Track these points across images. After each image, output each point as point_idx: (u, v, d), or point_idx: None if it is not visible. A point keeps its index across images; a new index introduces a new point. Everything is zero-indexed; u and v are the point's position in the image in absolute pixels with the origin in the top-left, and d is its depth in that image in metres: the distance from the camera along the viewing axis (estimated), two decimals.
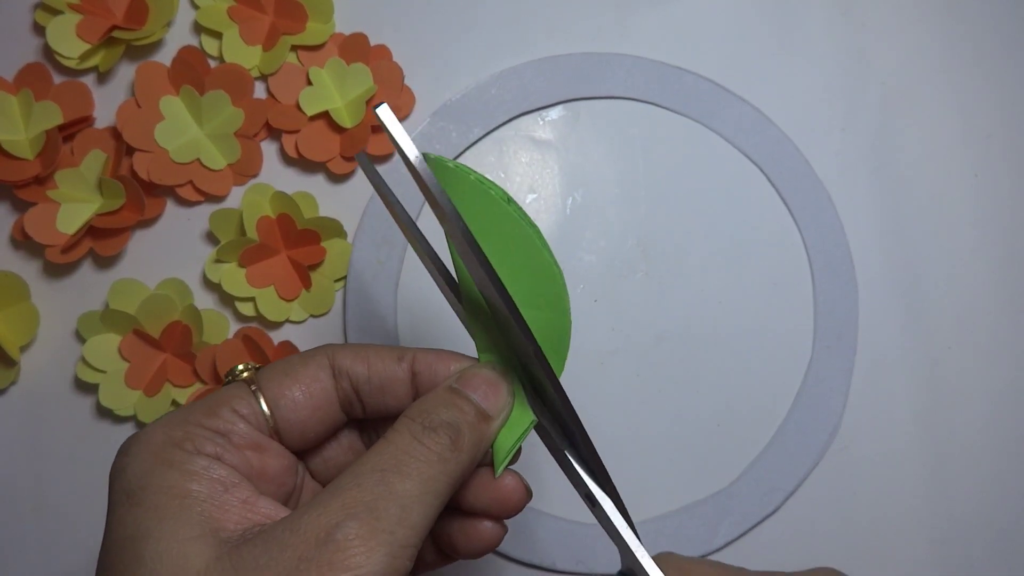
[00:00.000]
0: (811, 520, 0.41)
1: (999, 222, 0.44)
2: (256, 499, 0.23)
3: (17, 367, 0.41)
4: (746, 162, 0.44)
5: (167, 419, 0.24)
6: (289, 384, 0.26)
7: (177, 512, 0.22)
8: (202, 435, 0.24)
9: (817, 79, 0.45)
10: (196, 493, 0.23)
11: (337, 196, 0.43)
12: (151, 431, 0.24)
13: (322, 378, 0.27)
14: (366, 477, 0.23)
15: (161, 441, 0.24)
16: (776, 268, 0.43)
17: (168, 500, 0.22)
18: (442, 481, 0.24)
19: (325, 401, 0.27)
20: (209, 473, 0.23)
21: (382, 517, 0.22)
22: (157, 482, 0.23)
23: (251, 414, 0.25)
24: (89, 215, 0.41)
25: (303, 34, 0.43)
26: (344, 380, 0.27)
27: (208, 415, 0.25)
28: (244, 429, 0.25)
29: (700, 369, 0.42)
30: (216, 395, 0.26)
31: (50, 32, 0.42)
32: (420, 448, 0.24)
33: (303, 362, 0.27)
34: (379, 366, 0.27)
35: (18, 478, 0.41)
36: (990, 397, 0.43)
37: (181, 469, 0.23)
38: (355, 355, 0.27)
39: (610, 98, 0.44)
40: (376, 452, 0.24)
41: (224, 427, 0.25)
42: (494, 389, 0.26)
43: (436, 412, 0.25)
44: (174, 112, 0.42)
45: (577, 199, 0.43)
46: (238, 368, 0.27)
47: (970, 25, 0.46)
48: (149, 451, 0.23)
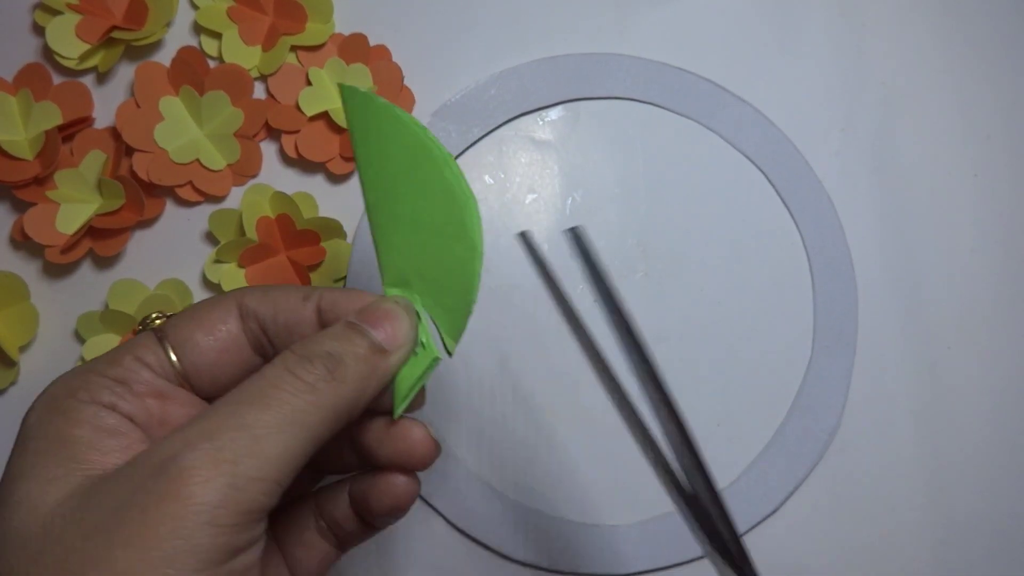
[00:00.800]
0: (811, 520, 0.41)
1: (999, 222, 0.44)
2: (139, 446, 0.23)
3: (17, 367, 0.41)
4: (746, 162, 0.44)
5: (73, 370, 0.24)
6: (194, 328, 0.26)
7: (52, 453, 0.22)
8: (99, 383, 0.24)
9: (817, 79, 0.45)
10: (77, 438, 0.22)
11: (337, 196, 0.43)
12: (54, 383, 0.24)
13: (229, 321, 0.26)
14: (218, 410, 0.22)
15: (58, 392, 0.24)
16: (776, 268, 0.43)
17: (47, 445, 0.22)
18: (312, 413, 0.23)
19: (233, 344, 0.26)
20: (95, 420, 0.23)
21: (225, 447, 0.21)
22: (43, 429, 0.23)
23: (156, 362, 0.25)
24: (89, 215, 0.41)
25: (303, 34, 0.43)
26: (251, 321, 0.26)
27: (110, 364, 0.24)
28: (146, 376, 0.25)
29: (700, 369, 0.42)
30: (123, 344, 0.25)
31: (49, 32, 0.42)
32: (288, 378, 0.23)
33: (210, 306, 0.26)
34: (284, 306, 0.26)
35: None
36: (990, 397, 0.43)
37: (68, 416, 0.23)
38: (262, 296, 0.26)
39: (610, 98, 0.44)
40: (240, 385, 0.23)
41: (124, 375, 0.24)
42: (394, 322, 0.25)
43: (317, 342, 0.24)
44: (174, 112, 0.42)
45: (577, 199, 0.43)
46: (152, 315, 0.27)
47: (970, 25, 0.46)
48: (45, 403, 0.23)
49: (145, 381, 0.25)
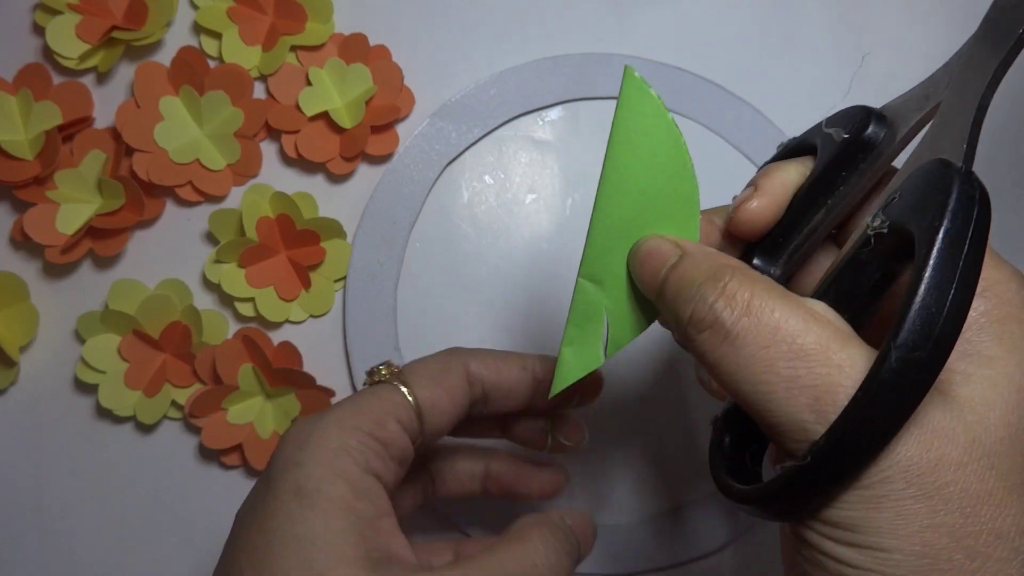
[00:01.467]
0: None
1: (998, 222, 0.44)
2: (396, 532, 0.25)
3: (17, 367, 0.41)
4: (746, 163, 0.44)
5: (339, 419, 0.26)
6: (439, 390, 0.28)
7: (345, 529, 0.24)
8: (371, 448, 0.26)
9: (817, 79, 0.45)
10: (361, 512, 0.24)
11: (337, 196, 0.43)
12: (326, 432, 0.25)
13: (462, 384, 0.29)
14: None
15: (336, 447, 0.25)
16: None
17: (338, 513, 0.24)
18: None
19: (463, 407, 0.29)
20: (373, 496, 0.25)
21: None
22: (329, 491, 0.24)
23: (409, 424, 0.27)
24: (89, 215, 0.41)
25: (303, 34, 0.43)
26: (477, 387, 0.29)
27: (377, 425, 0.26)
28: (402, 443, 0.27)
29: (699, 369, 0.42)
30: (376, 397, 0.27)
31: (49, 32, 0.42)
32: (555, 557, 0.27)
33: (445, 369, 0.29)
34: (507, 375, 0.30)
35: (18, 478, 0.41)
36: None
37: (353, 486, 0.25)
38: (484, 364, 0.30)
39: (610, 98, 0.44)
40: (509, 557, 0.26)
41: (388, 439, 0.26)
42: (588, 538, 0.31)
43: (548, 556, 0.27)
44: (173, 112, 0.42)
45: (577, 199, 0.43)
46: (381, 369, 0.29)
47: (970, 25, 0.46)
48: (325, 455, 0.25)
49: (400, 447, 0.27)
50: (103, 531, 0.41)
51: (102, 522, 0.41)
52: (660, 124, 0.27)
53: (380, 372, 0.29)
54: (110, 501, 0.41)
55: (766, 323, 0.21)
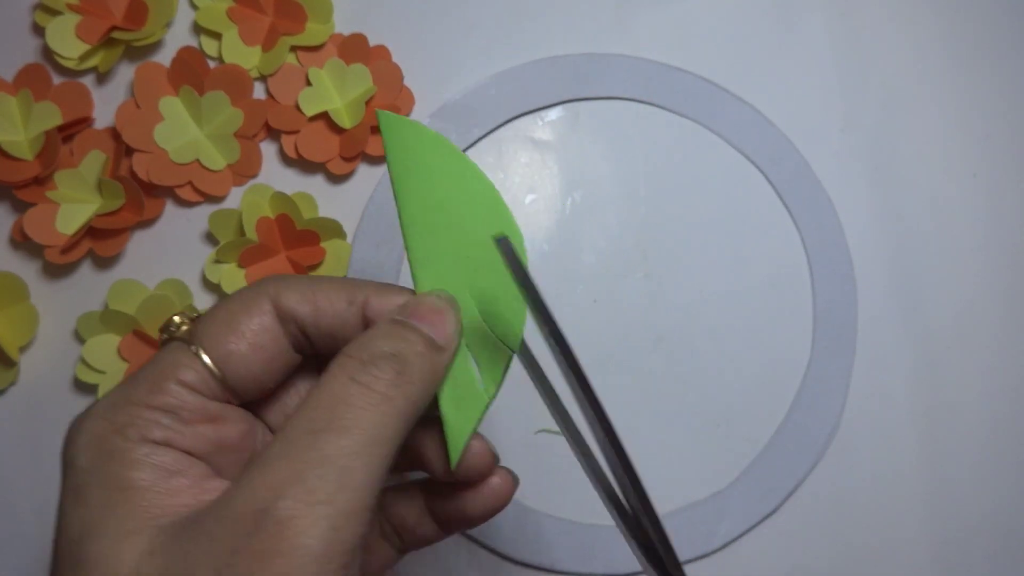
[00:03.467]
0: (810, 520, 0.41)
1: (998, 222, 0.44)
2: (206, 481, 0.22)
3: (16, 367, 0.41)
4: (745, 162, 0.44)
5: (110, 401, 0.22)
6: (234, 337, 0.24)
7: (117, 505, 0.21)
8: (148, 418, 0.22)
9: (817, 79, 0.45)
10: (139, 481, 0.21)
11: (336, 197, 0.43)
12: (94, 419, 0.22)
13: (269, 325, 0.24)
14: (296, 442, 0.21)
15: (104, 430, 0.22)
16: (775, 268, 0.43)
17: (110, 494, 0.21)
18: (389, 425, 0.21)
19: (275, 349, 0.24)
20: (152, 459, 0.21)
21: (316, 488, 0.20)
22: (99, 476, 0.21)
23: (199, 381, 0.23)
24: (88, 216, 0.41)
25: (302, 35, 0.43)
26: (291, 324, 0.24)
27: (152, 391, 0.22)
28: (194, 402, 0.23)
29: (699, 369, 0.42)
30: (156, 362, 0.23)
31: (49, 33, 0.42)
32: (358, 390, 0.21)
33: (242, 307, 0.24)
34: (328, 309, 0.24)
35: (18, 478, 0.41)
36: (990, 397, 0.43)
37: (123, 459, 0.21)
38: (301, 295, 0.24)
39: (610, 98, 0.44)
40: (308, 405, 0.21)
41: (171, 403, 0.22)
42: (441, 317, 0.24)
43: (376, 343, 0.22)
44: (173, 113, 0.42)
45: (576, 200, 0.43)
46: (174, 320, 0.24)
47: (970, 25, 0.46)
48: (92, 443, 0.22)
49: (193, 407, 0.23)
50: None
51: None
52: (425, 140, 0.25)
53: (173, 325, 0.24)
54: None
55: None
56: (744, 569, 0.41)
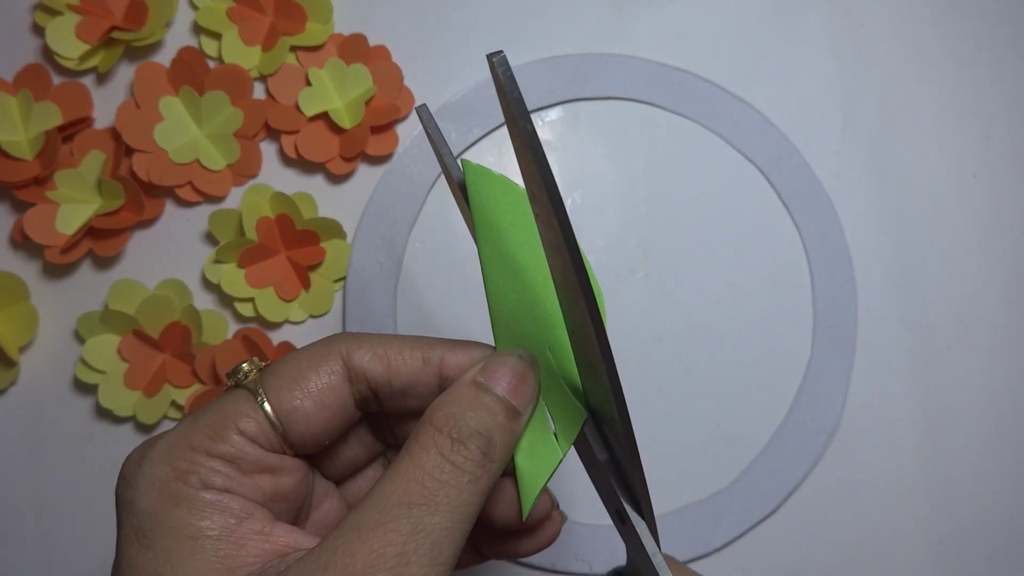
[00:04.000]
0: (810, 520, 0.41)
1: (998, 222, 0.44)
2: (272, 527, 0.22)
3: (16, 367, 0.41)
4: (745, 163, 0.44)
5: (169, 445, 0.23)
6: (300, 394, 0.24)
7: (190, 555, 0.21)
8: (208, 466, 0.22)
9: (817, 79, 0.45)
10: (207, 531, 0.21)
11: (336, 197, 0.43)
12: (154, 463, 0.22)
13: (336, 384, 0.24)
14: (392, 513, 0.21)
15: (165, 474, 0.22)
16: (775, 268, 0.43)
17: (180, 542, 0.21)
18: (474, 503, 0.22)
19: (339, 407, 0.24)
20: (219, 506, 0.22)
21: (412, 561, 0.20)
22: (165, 522, 0.21)
23: (259, 432, 0.23)
24: (88, 216, 0.41)
25: (302, 35, 0.43)
26: (361, 383, 0.24)
27: (213, 438, 0.23)
28: (253, 453, 0.23)
29: (699, 369, 0.42)
30: (219, 409, 0.23)
31: (49, 33, 0.42)
32: (449, 470, 0.22)
33: (313, 365, 0.24)
34: (402, 368, 0.24)
35: (18, 478, 0.41)
36: (990, 397, 0.43)
37: (189, 506, 0.22)
38: (373, 354, 0.24)
39: (610, 99, 0.44)
40: (400, 476, 0.22)
41: (231, 453, 0.23)
42: (521, 380, 0.24)
43: (464, 418, 0.23)
44: (173, 113, 0.42)
45: (576, 200, 0.43)
46: (242, 368, 0.25)
47: (970, 25, 0.46)
48: (154, 487, 0.22)
49: (252, 459, 0.23)
50: (103, 531, 0.41)
51: (102, 522, 0.41)
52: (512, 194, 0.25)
53: (240, 372, 0.25)
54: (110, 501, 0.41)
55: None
56: (744, 569, 0.41)
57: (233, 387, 0.24)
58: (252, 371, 0.24)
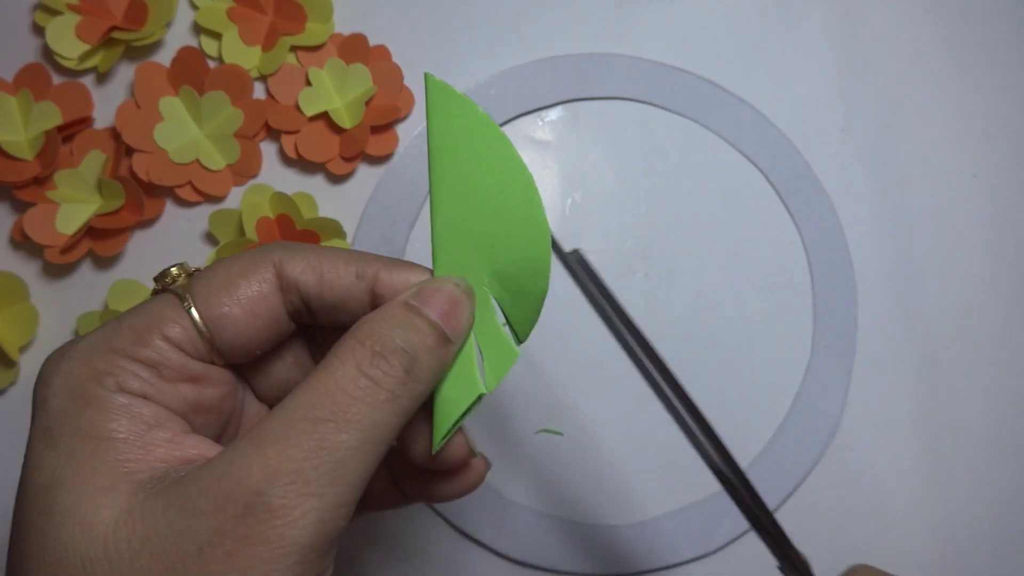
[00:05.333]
0: (810, 520, 0.41)
1: (998, 222, 0.44)
2: (184, 437, 0.21)
3: (16, 368, 0.41)
4: (745, 163, 0.44)
5: (91, 345, 0.22)
6: (229, 300, 0.23)
7: (91, 456, 0.20)
8: (127, 369, 0.21)
9: (817, 79, 0.45)
10: (114, 433, 0.21)
11: (336, 197, 0.43)
12: (71, 361, 0.22)
13: (267, 291, 0.23)
14: (296, 427, 0.20)
15: (82, 374, 0.21)
16: (775, 268, 0.43)
17: (84, 443, 0.20)
18: (390, 424, 0.21)
19: (270, 317, 0.23)
20: (131, 410, 0.21)
21: (311, 479, 0.19)
22: (74, 422, 0.21)
23: (185, 338, 0.22)
24: (88, 216, 0.41)
25: (302, 35, 0.43)
26: (293, 293, 0.23)
27: (136, 342, 0.22)
28: (177, 360, 0.22)
29: (699, 369, 0.42)
30: (144, 312, 0.22)
31: (49, 33, 0.42)
32: (366, 385, 0.21)
33: (244, 272, 0.23)
34: (335, 282, 0.23)
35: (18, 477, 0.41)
36: (989, 397, 0.43)
37: (100, 408, 0.21)
38: (307, 264, 0.23)
39: (610, 98, 0.44)
40: (311, 389, 0.21)
41: (153, 358, 0.22)
42: (456, 306, 0.23)
43: (389, 334, 0.21)
44: (173, 113, 0.42)
45: (576, 200, 0.43)
46: (170, 272, 0.24)
47: (970, 25, 0.46)
48: (68, 386, 0.21)
49: (176, 365, 0.22)
50: None
51: None
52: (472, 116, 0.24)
53: (168, 276, 0.24)
54: None
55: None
56: (744, 569, 0.41)
57: (160, 291, 0.24)
58: (180, 275, 0.24)
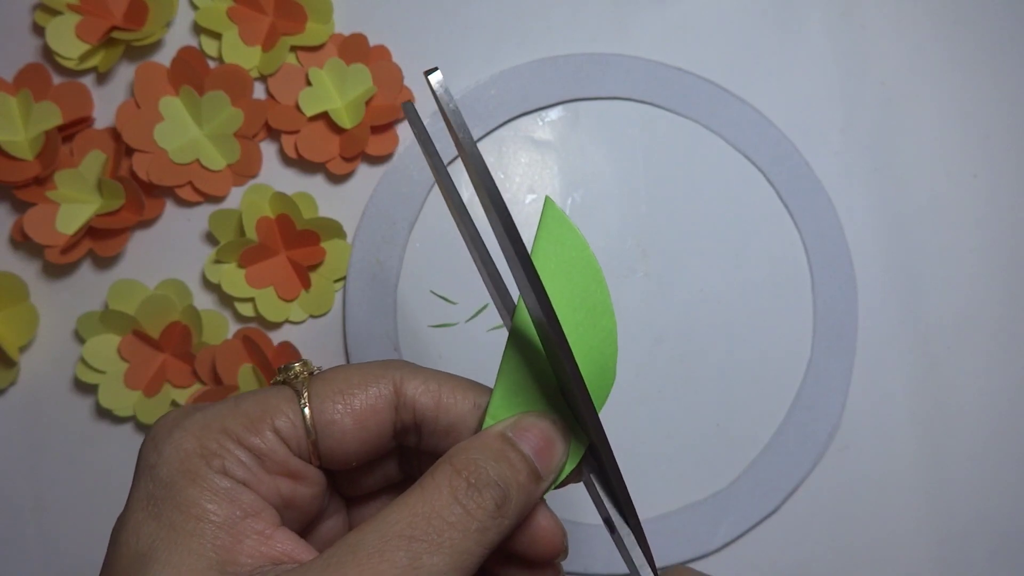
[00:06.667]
0: (810, 520, 0.41)
1: (998, 222, 0.44)
2: (274, 531, 0.22)
3: (17, 367, 0.41)
4: (745, 163, 0.44)
5: (205, 421, 0.23)
6: (343, 408, 0.23)
7: (189, 537, 0.21)
8: (235, 454, 0.22)
9: (817, 79, 0.45)
10: (211, 515, 0.21)
11: (336, 196, 0.43)
12: (186, 434, 0.22)
13: (381, 407, 0.24)
14: (392, 543, 0.20)
15: (191, 449, 0.22)
16: (775, 268, 0.43)
17: (184, 520, 0.21)
18: (477, 553, 0.21)
19: (377, 432, 0.24)
20: (230, 495, 0.22)
21: None
22: (178, 496, 0.21)
23: (293, 435, 0.23)
24: (88, 216, 0.41)
25: (302, 35, 0.43)
26: (407, 412, 0.24)
27: (248, 428, 0.22)
28: (282, 454, 0.23)
29: (699, 369, 0.42)
30: (261, 400, 0.23)
31: (50, 33, 0.42)
32: (459, 513, 0.21)
33: (363, 383, 0.24)
34: (452, 408, 0.24)
35: (18, 478, 0.41)
36: (990, 397, 0.43)
37: (203, 487, 0.21)
38: (426, 387, 0.24)
39: (610, 98, 0.44)
40: (407, 508, 0.21)
41: (261, 448, 0.22)
42: (550, 445, 0.23)
43: (485, 466, 0.22)
44: (173, 113, 0.42)
45: (576, 200, 0.43)
46: (294, 367, 0.24)
47: (970, 26, 0.46)
48: (178, 458, 0.22)
49: (279, 459, 0.23)
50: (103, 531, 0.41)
51: (102, 522, 0.41)
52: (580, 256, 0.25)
53: (292, 370, 0.24)
54: (110, 501, 0.41)
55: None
56: (744, 569, 0.41)
57: (280, 382, 0.24)
58: (303, 372, 0.24)
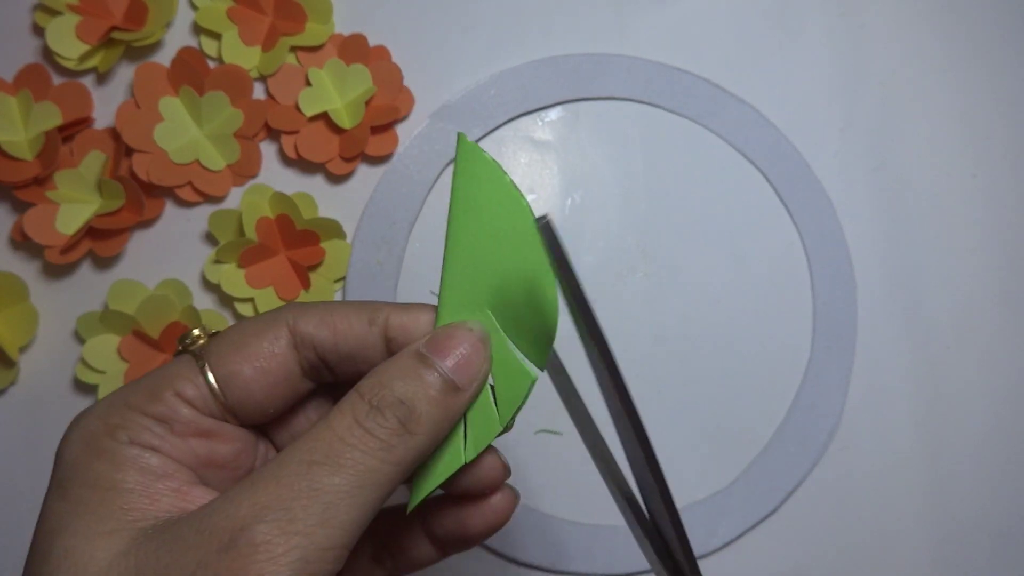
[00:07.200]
0: (810, 520, 0.41)
1: (998, 222, 0.44)
2: (191, 488, 0.22)
3: (16, 368, 0.41)
4: (745, 163, 0.44)
5: (107, 402, 0.23)
6: (240, 356, 0.23)
7: (97, 505, 0.21)
8: (139, 423, 0.22)
9: (817, 79, 0.45)
10: (122, 483, 0.21)
11: (336, 197, 0.43)
12: (88, 417, 0.23)
13: (279, 350, 0.24)
14: (288, 468, 0.21)
15: (96, 429, 0.22)
16: (775, 269, 0.43)
17: (91, 493, 0.21)
18: (384, 471, 0.21)
19: (284, 375, 0.24)
20: (139, 461, 0.22)
21: (298, 517, 0.20)
22: (84, 474, 0.21)
23: (197, 396, 0.23)
24: (88, 216, 0.41)
25: (302, 35, 0.43)
26: (307, 350, 0.24)
27: (149, 398, 0.23)
28: (188, 415, 0.23)
29: (699, 370, 0.42)
30: (161, 372, 0.24)
31: (49, 33, 0.42)
32: (359, 434, 0.21)
33: (257, 333, 0.24)
34: (347, 331, 0.24)
35: (18, 478, 0.41)
36: (989, 397, 0.43)
37: (110, 459, 0.22)
38: (319, 319, 0.24)
39: (609, 99, 0.44)
40: (310, 436, 0.21)
41: (165, 413, 0.23)
42: (470, 356, 0.23)
43: (388, 386, 0.22)
44: (173, 113, 0.42)
45: (576, 200, 0.43)
46: (192, 334, 0.24)
47: (969, 25, 0.46)
48: (83, 439, 0.22)
49: (187, 420, 0.23)
50: None
51: None
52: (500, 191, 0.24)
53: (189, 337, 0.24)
54: None
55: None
56: (744, 569, 0.41)
57: (180, 351, 0.24)
58: (200, 336, 0.25)
